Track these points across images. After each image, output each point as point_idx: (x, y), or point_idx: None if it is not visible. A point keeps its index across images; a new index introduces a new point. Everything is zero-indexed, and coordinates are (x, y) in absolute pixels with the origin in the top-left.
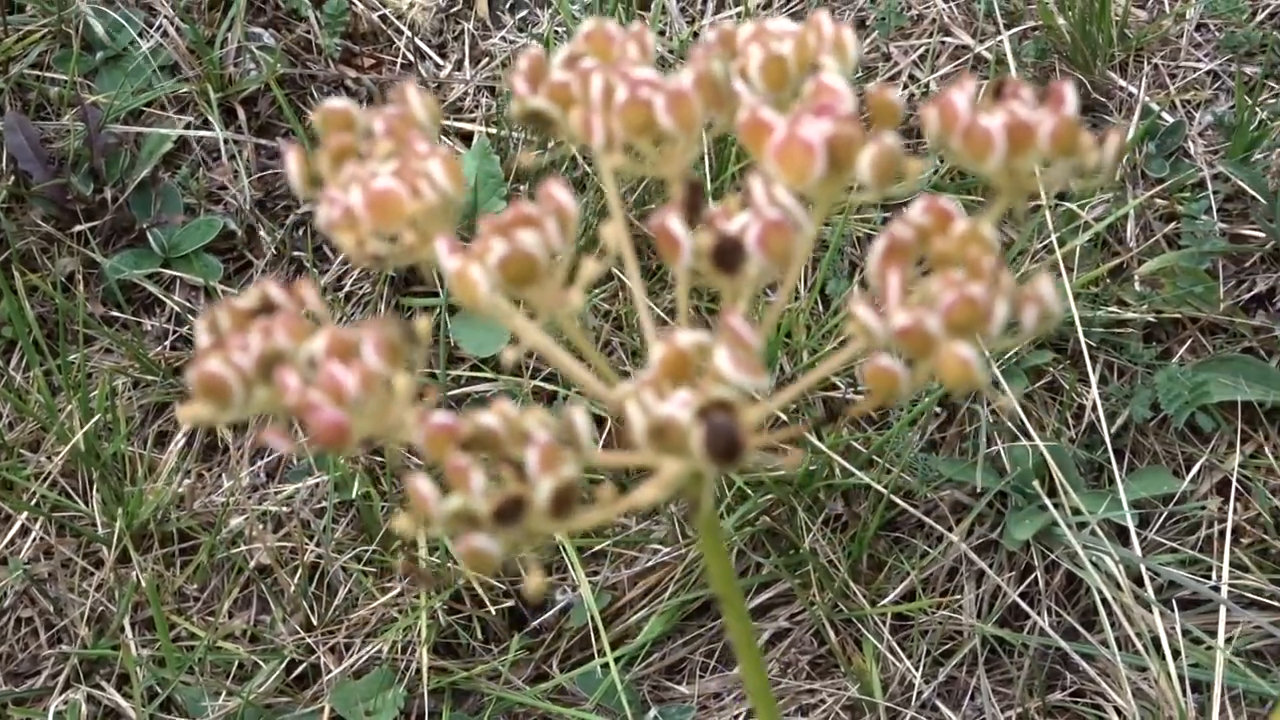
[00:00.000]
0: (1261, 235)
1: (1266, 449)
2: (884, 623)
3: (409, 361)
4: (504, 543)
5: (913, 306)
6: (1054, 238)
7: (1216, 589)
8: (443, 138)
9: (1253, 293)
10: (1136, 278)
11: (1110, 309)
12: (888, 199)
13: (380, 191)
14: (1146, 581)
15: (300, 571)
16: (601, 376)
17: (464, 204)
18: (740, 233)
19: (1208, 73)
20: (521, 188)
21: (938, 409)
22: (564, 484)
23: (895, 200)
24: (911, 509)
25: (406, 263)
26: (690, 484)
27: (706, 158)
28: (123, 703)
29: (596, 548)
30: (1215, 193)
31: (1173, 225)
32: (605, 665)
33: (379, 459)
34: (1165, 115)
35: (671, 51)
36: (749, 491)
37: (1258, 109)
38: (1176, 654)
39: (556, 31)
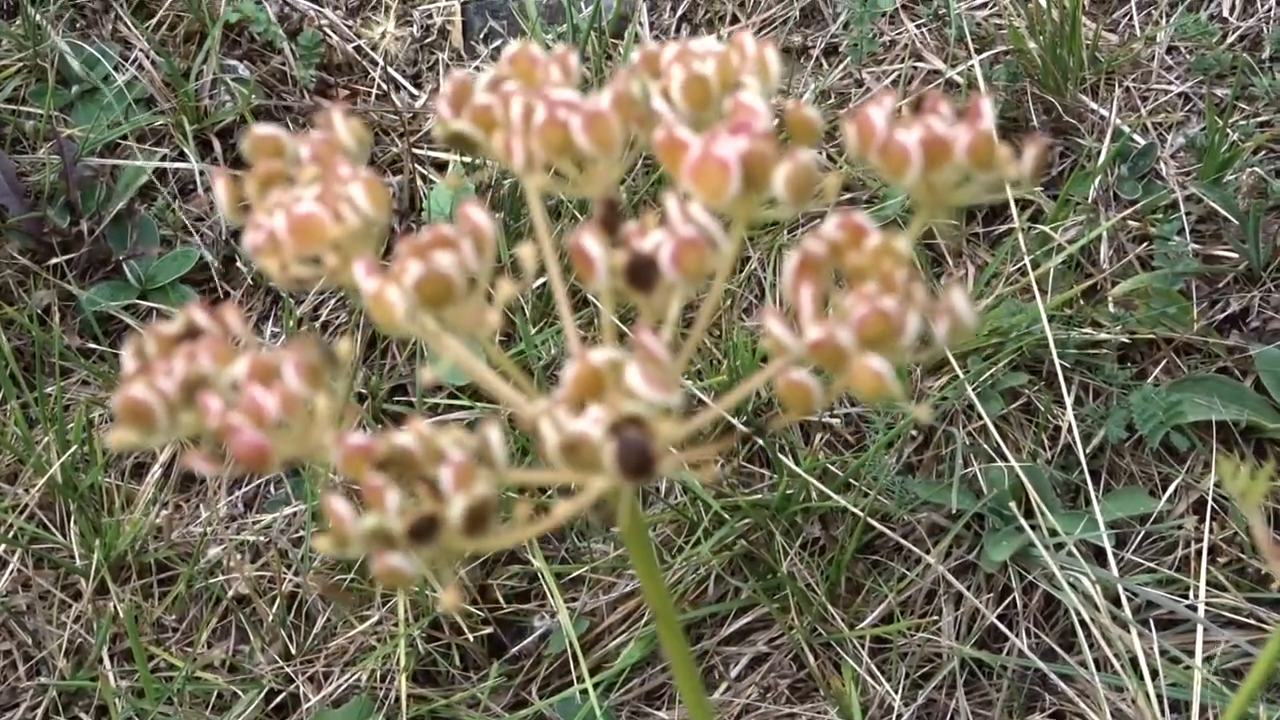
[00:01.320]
0: (1234, 255)
1: (1241, 468)
2: (863, 646)
3: (329, 383)
4: (421, 560)
5: (825, 320)
6: (1027, 260)
7: (1194, 608)
8: (415, 166)
9: (1226, 313)
10: (1110, 299)
11: (1084, 330)
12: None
13: (302, 216)
14: (1124, 601)
15: (278, 601)
16: (525, 393)
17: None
18: (654, 250)
19: (1179, 95)
20: (496, 215)
21: (914, 432)
22: (478, 502)
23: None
24: (889, 532)
25: (329, 285)
26: (610, 498)
27: (631, 178)
28: None
29: (574, 574)
30: (1188, 214)
31: (1145, 246)
32: (584, 691)
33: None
34: (1137, 137)
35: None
36: (726, 516)
37: (1229, 130)
38: (1155, 674)
39: None
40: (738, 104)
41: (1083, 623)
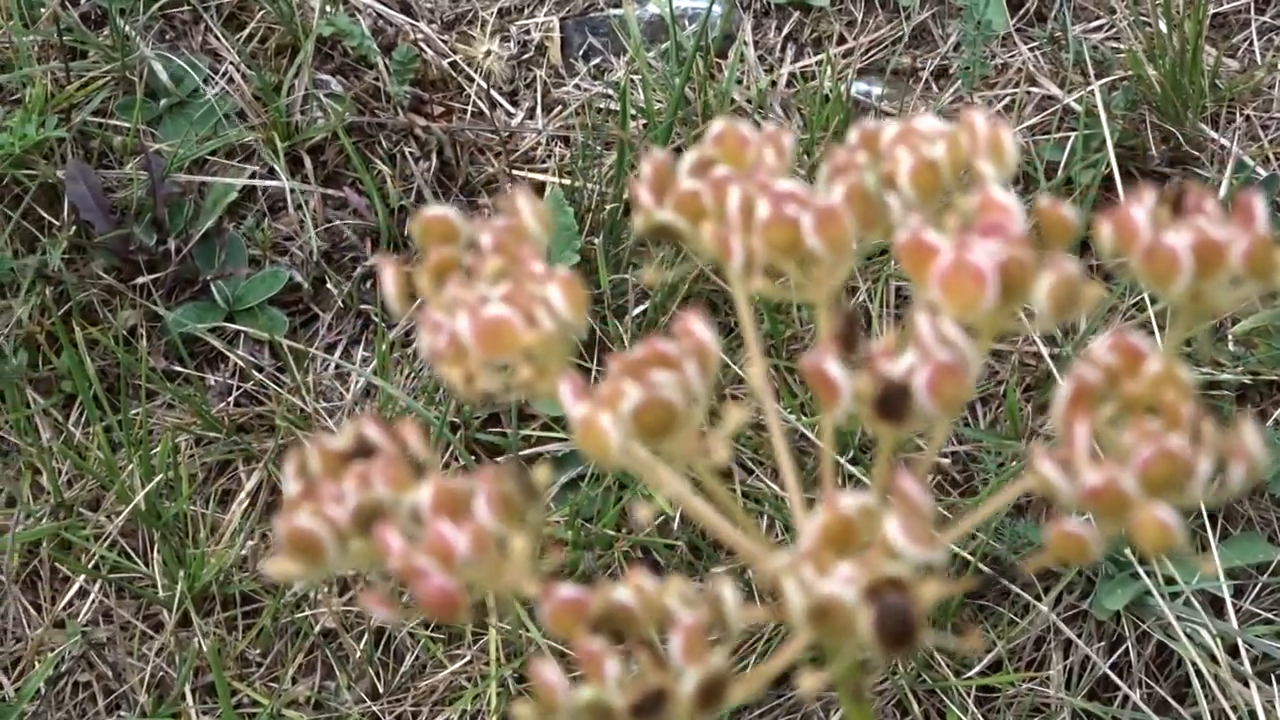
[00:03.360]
0: None
1: None
2: (969, 694)
3: (526, 518)
4: None
5: (1105, 463)
6: (1145, 295)
7: None
8: (512, 187)
9: None
10: (1230, 337)
11: (1204, 370)
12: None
13: (491, 320)
14: (1243, 653)
15: (366, 637)
16: (750, 537)
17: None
18: (907, 377)
19: None
20: (595, 240)
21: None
22: (713, 675)
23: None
24: (999, 576)
25: (522, 398)
26: (848, 670)
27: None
28: None
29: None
30: None
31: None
32: None
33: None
34: (1259, 169)
35: (749, 101)
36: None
37: None
38: None
39: (632, 80)
40: (987, 200)
41: (1199, 675)
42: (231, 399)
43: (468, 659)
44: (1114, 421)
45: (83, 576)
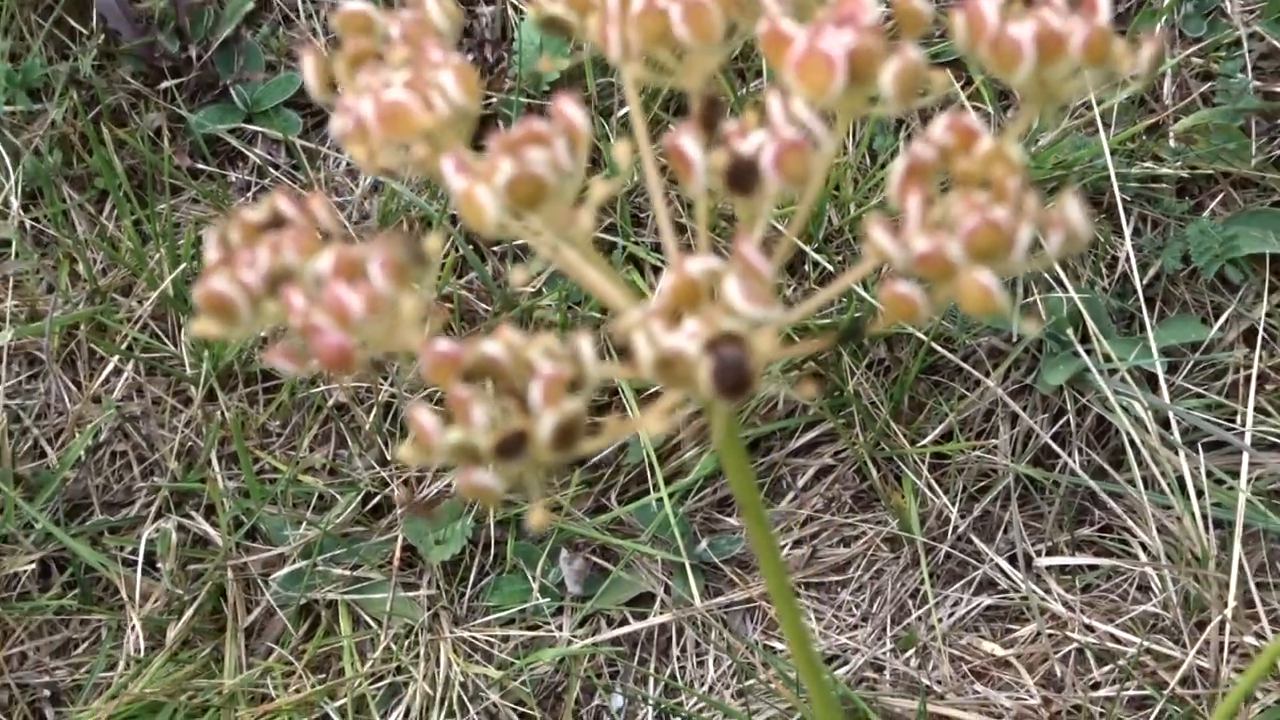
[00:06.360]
0: None
1: None
2: (923, 461)
3: (416, 281)
4: (506, 475)
5: (933, 230)
6: (1092, 95)
7: (1240, 433)
8: (466, 38)
9: None
10: (1171, 134)
11: (1145, 165)
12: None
13: (391, 103)
14: (1173, 425)
15: (375, 410)
16: (621, 292)
17: (527, 65)
18: (755, 152)
19: None
20: (583, 49)
21: None
22: (568, 418)
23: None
24: (950, 355)
25: (417, 175)
26: (704, 408)
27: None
28: (211, 531)
29: (653, 389)
30: (1250, 51)
31: (1208, 84)
32: (660, 500)
33: (448, 304)
34: None
35: None
36: (795, 338)
37: None
38: (1200, 494)
39: None
40: None
41: (1133, 444)
42: (250, 194)
43: None
44: (946, 195)
45: (116, 356)
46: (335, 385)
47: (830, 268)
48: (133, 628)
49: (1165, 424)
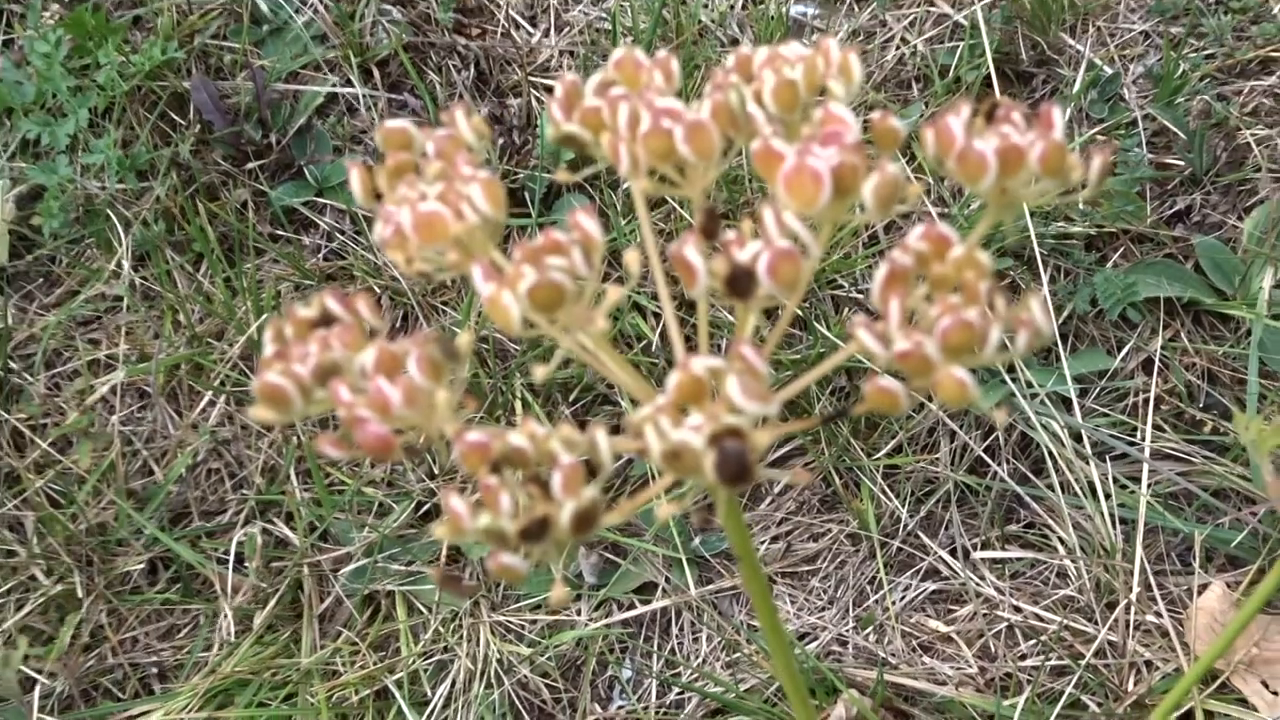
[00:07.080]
0: (1181, 164)
1: (1182, 334)
2: (878, 471)
3: (450, 375)
4: (531, 554)
5: (912, 331)
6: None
7: (1140, 447)
8: (531, 91)
9: (1174, 210)
10: (1080, 199)
11: (1059, 224)
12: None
13: (426, 213)
14: (1085, 440)
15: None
16: (635, 381)
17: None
18: (752, 261)
19: (1140, 33)
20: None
21: None
22: (586, 505)
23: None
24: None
25: (451, 276)
26: (708, 491)
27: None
28: (290, 534)
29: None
30: (1145, 129)
31: (1110, 157)
32: (660, 504)
33: (484, 345)
34: (1106, 68)
35: (713, 21)
36: (772, 371)
37: (1181, 61)
38: (1108, 497)
39: (622, 5)
40: (828, 114)
41: (1051, 455)
42: (320, 255)
43: None
44: (925, 298)
45: (211, 391)
46: None
47: (799, 312)
48: (225, 616)
49: (1078, 439)
